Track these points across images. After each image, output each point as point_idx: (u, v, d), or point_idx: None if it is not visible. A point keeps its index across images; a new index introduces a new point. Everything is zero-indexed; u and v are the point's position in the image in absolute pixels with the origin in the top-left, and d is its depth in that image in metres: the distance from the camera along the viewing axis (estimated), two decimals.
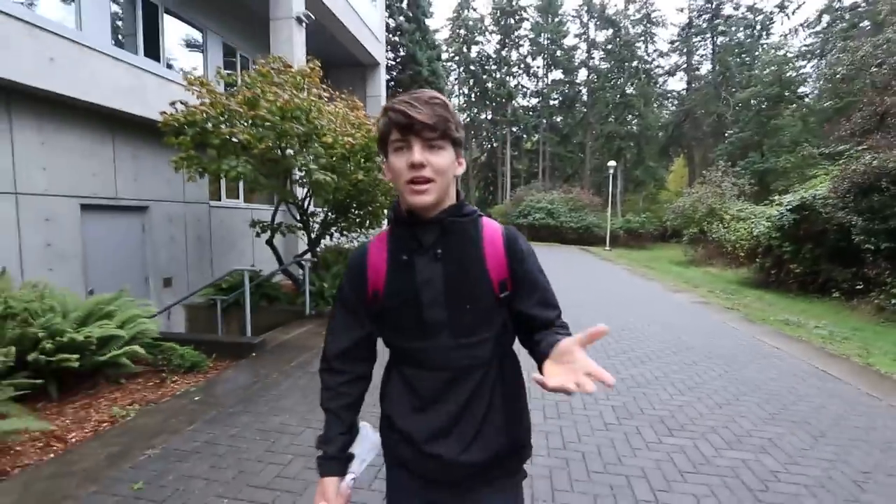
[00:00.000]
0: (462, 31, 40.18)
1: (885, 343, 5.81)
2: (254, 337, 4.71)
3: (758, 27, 37.24)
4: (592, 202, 28.48)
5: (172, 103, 4.97)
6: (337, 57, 12.92)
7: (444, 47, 37.14)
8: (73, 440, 2.95)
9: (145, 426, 3.12)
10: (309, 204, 6.73)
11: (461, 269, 0.93)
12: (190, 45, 8.18)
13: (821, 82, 24.66)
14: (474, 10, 41.03)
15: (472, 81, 41.69)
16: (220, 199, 7.97)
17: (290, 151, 5.31)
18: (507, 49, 40.81)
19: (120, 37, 6.22)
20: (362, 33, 12.66)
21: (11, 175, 4.55)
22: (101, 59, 5.23)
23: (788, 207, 10.45)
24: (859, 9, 24.77)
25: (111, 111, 5.43)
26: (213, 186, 7.72)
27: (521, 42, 40.89)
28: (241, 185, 8.35)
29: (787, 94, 26.80)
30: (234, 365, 4.30)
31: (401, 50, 23.67)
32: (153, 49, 6.69)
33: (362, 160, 5.82)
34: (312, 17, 9.50)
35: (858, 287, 8.99)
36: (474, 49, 41.06)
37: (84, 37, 5.12)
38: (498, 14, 39.80)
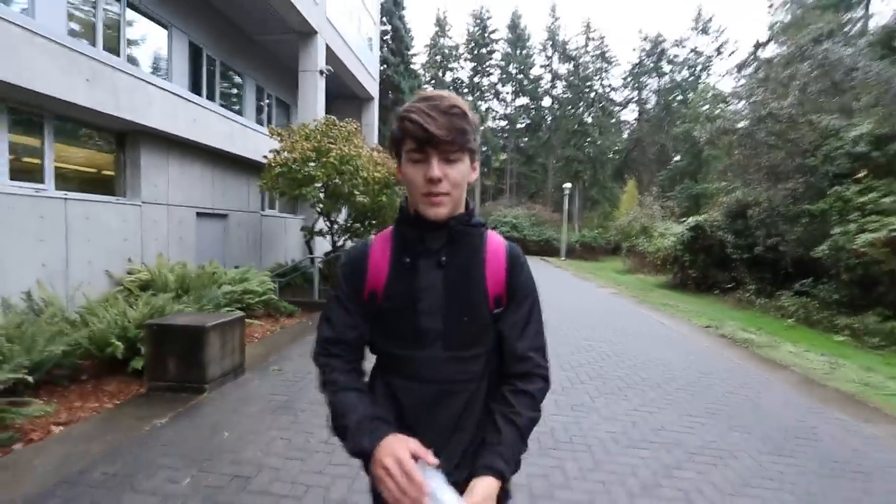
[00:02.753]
0: (438, 58, 43.62)
1: (727, 318, 9.04)
2: (321, 299, 7.40)
3: (698, 68, 42.75)
4: (552, 218, 32.09)
5: (269, 153, 7.65)
6: (339, 90, 15.61)
7: (421, 72, 40.43)
8: (256, 341, 5.56)
9: (279, 338, 5.75)
10: (337, 217, 9.38)
11: (462, 279, 0.90)
12: (236, 88, 10.77)
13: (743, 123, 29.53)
14: (450, 37, 44.62)
15: None
16: (264, 210, 10.52)
17: (338, 181, 8.02)
18: (479, 76, 44.54)
19: (218, 97, 8.82)
20: (361, 74, 15.43)
21: (166, 193, 7.06)
22: (214, 117, 7.82)
23: (688, 227, 13.95)
24: (773, 63, 29.77)
25: (214, 149, 7.99)
26: (260, 200, 10.27)
27: (491, 71, 44.71)
28: (277, 199, 10.92)
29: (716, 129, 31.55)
30: (310, 314, 6.97)
31: (386, 79, 26.55)
32: (220, 97, 9.28)
33: (384, 188, 8.59)
34: (332, 70, 12.27)
35: (730, 286, 12.45)
36: (449, 75, 44.55)
37: (206, 102, 7.71)
38: (472, 45, 43.53)
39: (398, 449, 0.78)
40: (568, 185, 27.83)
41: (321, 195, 8.04)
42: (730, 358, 5.70)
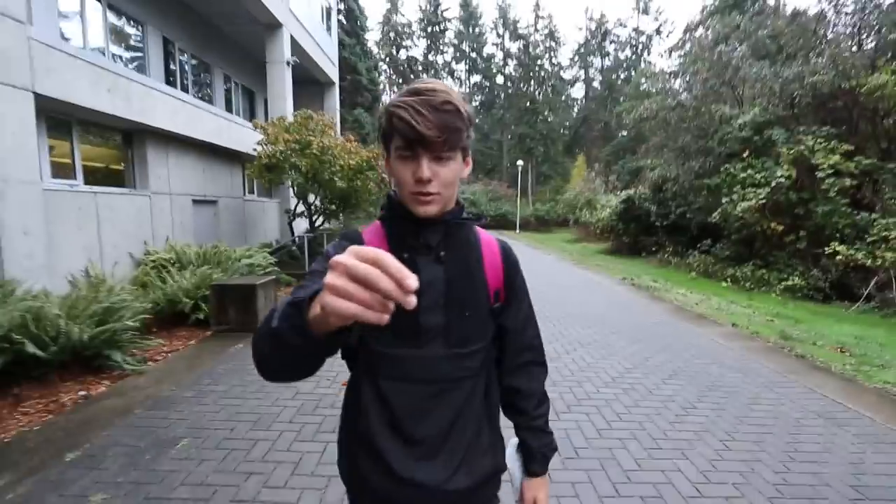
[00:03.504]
0: (392, 35, 43.71)
1: (644, 273, 11.14)
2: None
3: (639, 48, 45.46)
4: (508, 193, 34.03)
5: (257, 146, 8.71)
6: (302, 77, 16.33)
7: (375, 50, 40.57)
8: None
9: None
10: (315, 200, 10.56)
11: (463, 273, 0.87)
12: (205, 77, 11.50)
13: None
14: (402, 14, 44.68)
15: (401, 81, 45.44)
16: (245, 195, 11.49)
17: (318, 169, 9.21)
18: (433, 53, 45.09)
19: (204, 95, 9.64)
20: (322, 60, 16.21)
21: (168, 183, 8.03)
22: (205, 114, 8.74)
23: (620, 200, 16.09)
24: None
25: (204, 143, 8.93)
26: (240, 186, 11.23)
27: (445, 49, 45.34)
28: (255, 184, 11.89)
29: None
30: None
31: (343, 61, 26.94)
32: (209, 96, 10.12)
33: (357, 173, 9.85)
34: (297, 60, 13.11)
35: (655, 249, 14.74)
36: (403, 52, 44.80)
37: (199, 102, 8.62)
38: (424, 22, 43.85)
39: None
40: (521, 161, 29.69)
41: (300, 181, 9.19)
42: (630, 297, 7.64)
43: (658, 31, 45.13)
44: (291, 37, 12.62)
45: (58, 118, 6.08)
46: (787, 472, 2.45)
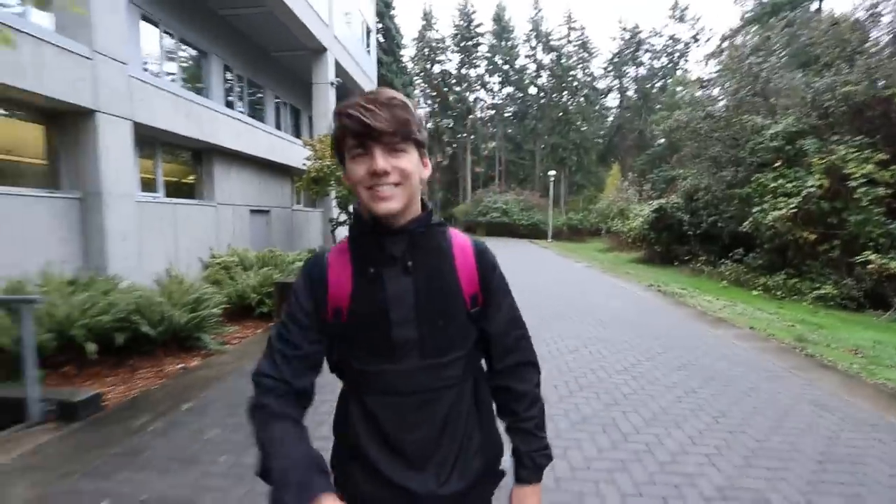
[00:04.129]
0: (426, 51, 45.11)
1: (674, 281, 11.30)
2: None
3: (676, 55, 44.85)
4: (540, 203, 34.23)
5: (306, 161, 9.65)
6: (342, 95, 17.45)
7: (410, 65, 42.05)
8: None
9: None
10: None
11: (433, 282, 0.86)
12: (257, 102, 12.66)
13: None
14: (436, 30, 46.05)
15: (434, 94, 46.69)
16: (293, 205, 12.52)
17: None
18: (466, 67, 46.14)
19: (257, 115, 10.75)
20: (362, 79, 17.21)
21: (230, 195, 9.05)
22: (261, 133, 9.77)
23: (652, 209, 16.17)
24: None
25: (260, 159, 9.95)
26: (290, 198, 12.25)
27: (478, 62, 46.32)
28: (302, 196, 12.91)
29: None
30: None
31: (380, 79, 28.28)
32: (261, 115, 11.22)
33: None
34: (341, 81, 14.16)
35: (687, 258, 14.74)
36: (437, 67, 46.09)
37: (256, 123, 9.67)
38: (458, 37, 45.04)
39: None
40: (553, 172, 29.95)
41: (343, 192, 10.06)
42: (657, 303, 7.94)
43: (695, 39, 44.43)
44: (335, 60, 13.68)
45: (145, 140, 7.13)
46: (766, 441, 2.87)
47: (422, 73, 45.67)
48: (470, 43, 45.27)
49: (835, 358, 4.67)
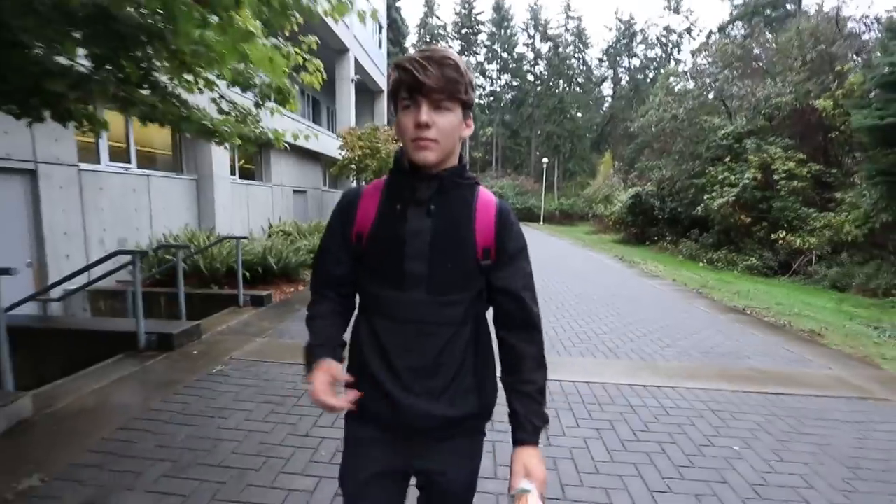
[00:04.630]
0: (428, 38, 46.52)
1: (639, 256, 13.69)
2: None
3: (670, 46, 46.65)
4: (535, 188, 36.46)
5: (340, 149, 11.83)
6: (359, 88, 19.41)
7: (411, 50, 43.59)
8: None
9: None
10: None
11: (450, 227, 0.93)
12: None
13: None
14: (437, 17, 47.42)
15: None
16: (323, 187, 14.73)
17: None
18: (466, 54, 47.65)
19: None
20: (375, 73, 19.20)
21: (280, 178, 11.25)
22: (304, 127, 11.92)
23: (629, 196, 18.50)
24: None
25: (302, 147, 12.13)
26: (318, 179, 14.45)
27: (478, 50, 47.85)
28: (327, 178, 15.09)
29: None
30: None
31: (389, 69, 30.12)
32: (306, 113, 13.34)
33: None
34: (360, 77, 16.20)
35: (656, 238, 17.16)
36: None
37: (301, 119, 11.83)
38: (459, 25, 46.48)
39: (316, 377, 0.90)
40: (545, 159, 32.10)
41: (371, 177, 12.30)
42: (616, 266, 10.33)
43: (689, 31, 46.19)
44: (355, 58, 15.70)
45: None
46: (649, 324, 5.23)
47: None
48: (470, 31, 46.75)
49: (716, 295, 7.08)
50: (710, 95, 13.91)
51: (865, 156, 9.46)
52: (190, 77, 3.00)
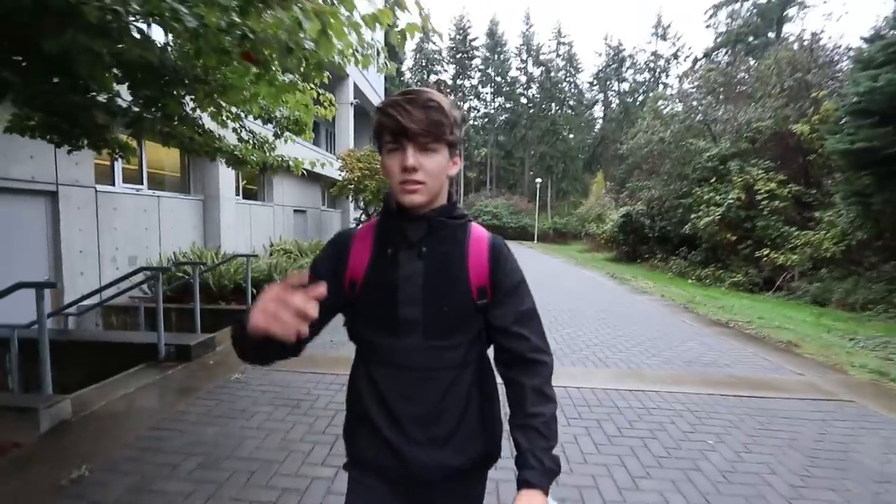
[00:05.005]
0: (423, 62, 47.85)
1: (630, 274, 14.07)
2: None
3: (657, 71, 48.22)
4: (529, 207, 37.09)
5: (340, 170, 12.21)
6: (356, 111, 19.99)
7: (408, 75, 44.79)
8: None
9: None
10: (374, 211, 13.99)
11: (441, 268, 0.91)
12: None
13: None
14: (433, 42, 48.83)
15: None
16: (321, 207, 15.07)
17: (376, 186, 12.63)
18: (461, 78, 48.97)
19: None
20: (372, 96, 19.75)
21: (282, 198, 11.58)
22: (307, 150, 12.33)
23: (620, 215, 19.01)
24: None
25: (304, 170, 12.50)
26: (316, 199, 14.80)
27: (472, 74, 49.18)
28: (326, 198, 15.46)
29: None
30: None
31: (385, 92, 30.90)
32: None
33: None
34: (359, 101, 16.76)
35: (647, 256, 17.59)
36: (433, 77, 48.79)
37: (306, 143, 12.24)
38: (454, 50, 47.88)
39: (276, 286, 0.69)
40: (539, 179, 32.81)
41: (369, 197, 12.66)
42: (608, 284, 10.66)
43: (675, 56, 47.85)
44: (354, 83, 16.27)
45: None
46: (639, 336, 5.53)
47: (418, 83, 48.41)
48: (465, 55, 48.14)
49: (701, 310, 7.41)
50: (697, 118, 14.52)
51: (843, 177, 9.97)
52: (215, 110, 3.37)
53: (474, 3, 63.76)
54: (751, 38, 34.31)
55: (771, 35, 31.71)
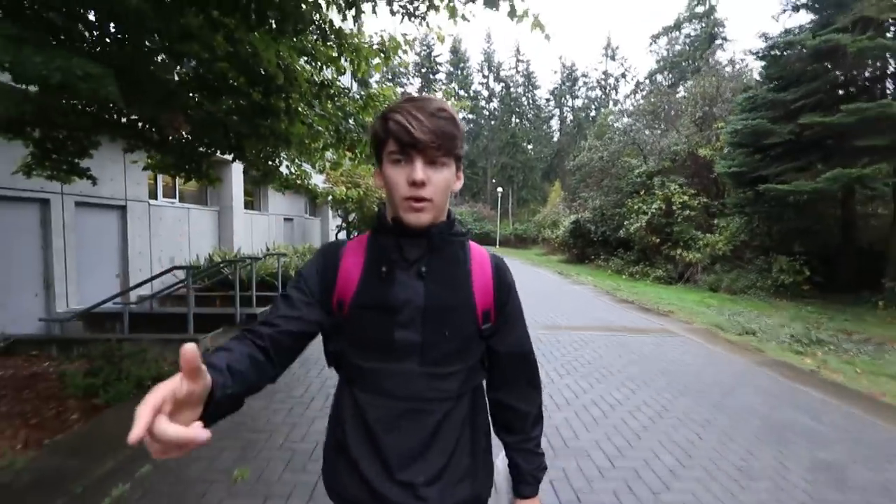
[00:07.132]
0: (389, 75, 49.79)
1: (576, 272, 16.47)
2: None
3: (607, 89, 52.39)
4: (491, 214, 39.59)
5: (325, 182, 13.95)
6: None
7: (375, 87, 46.61)
8: None
9: None
10: (354, 220, 15.74)
11: (445, 291, 0.85)
12: None
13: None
14: (399, 57, 50.84)
15: None
16: (306, 215, 16.65)
17: (365, 201, 14.42)
18: (426, 91, 51.23)
19: None
20: None
21: (276, 208, 13.16)
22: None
23: (570, 222, 21.58)
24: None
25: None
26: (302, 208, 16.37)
27: (436, 88, 51.54)
28: (308, 207, 17.05)
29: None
30: None
31: None
32: None
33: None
34: None
35: (593, 258, 20.18)
36: (399, 90, 50.86)
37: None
38: (419, 65, 50.16)
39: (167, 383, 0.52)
40: (500, 189, 35.34)
41: (352, 206, 14.43)
42: (555, 279, 12.92)
43: (623, 76, 52.21)
44: None
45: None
46: (569, 312, 7.65)
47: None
48: (429, 70, 50.51)
49: (620, 294, 9.72)
50: (630, 142, 17.26)
51: (731, 193, 12.72)
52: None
53: (439, 21, 66.53)
54: (685, 63, 38.63)
55: (700, 63, 35.81)
